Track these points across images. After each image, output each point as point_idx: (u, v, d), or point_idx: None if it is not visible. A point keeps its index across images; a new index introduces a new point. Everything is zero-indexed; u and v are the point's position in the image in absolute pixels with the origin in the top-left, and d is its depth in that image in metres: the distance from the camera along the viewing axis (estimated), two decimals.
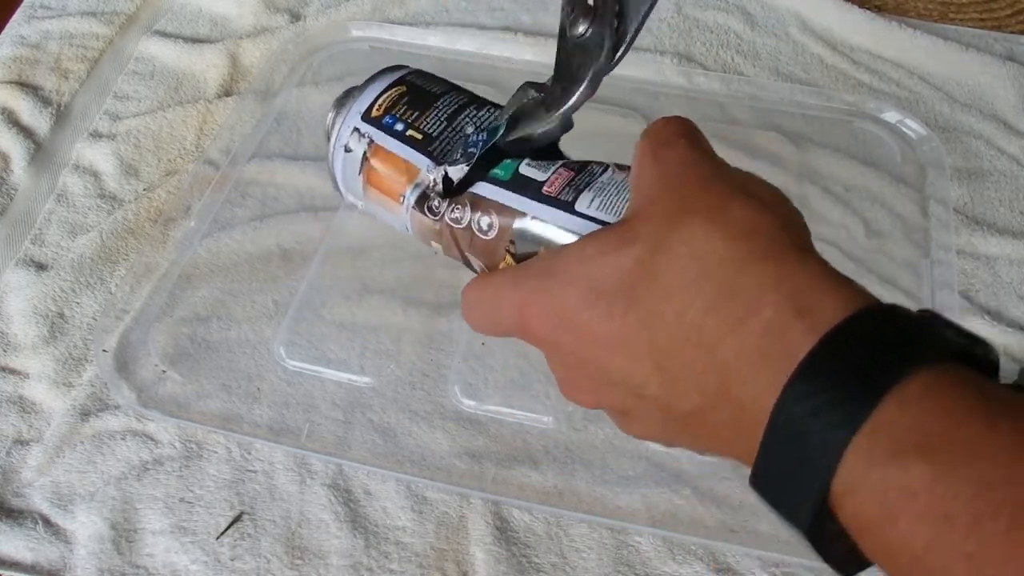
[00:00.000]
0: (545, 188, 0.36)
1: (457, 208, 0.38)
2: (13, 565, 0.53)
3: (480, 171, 0.38)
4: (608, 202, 0.35)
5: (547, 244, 0.35)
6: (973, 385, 0.24)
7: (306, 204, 0.69)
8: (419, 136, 0.40)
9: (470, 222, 0.37)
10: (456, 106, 0.41)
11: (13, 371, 0.61)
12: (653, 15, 0.37)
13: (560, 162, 0.38)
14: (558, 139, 0.39)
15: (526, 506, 0.55)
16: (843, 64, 0.79)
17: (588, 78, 0.36)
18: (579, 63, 0.36)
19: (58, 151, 0.73)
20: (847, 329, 0.25)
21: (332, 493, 0.56)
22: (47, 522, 0.54)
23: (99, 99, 0.77)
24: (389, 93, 0.41)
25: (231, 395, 0.59)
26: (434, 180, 0.38)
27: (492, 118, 0.40)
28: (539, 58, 0.78)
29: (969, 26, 0.83)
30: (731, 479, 0.56)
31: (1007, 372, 0.61)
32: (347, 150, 0.41)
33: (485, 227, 0.37)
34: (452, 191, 0.38)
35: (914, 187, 0.70)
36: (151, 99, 0.77)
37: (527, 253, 0.36)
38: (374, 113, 0.41)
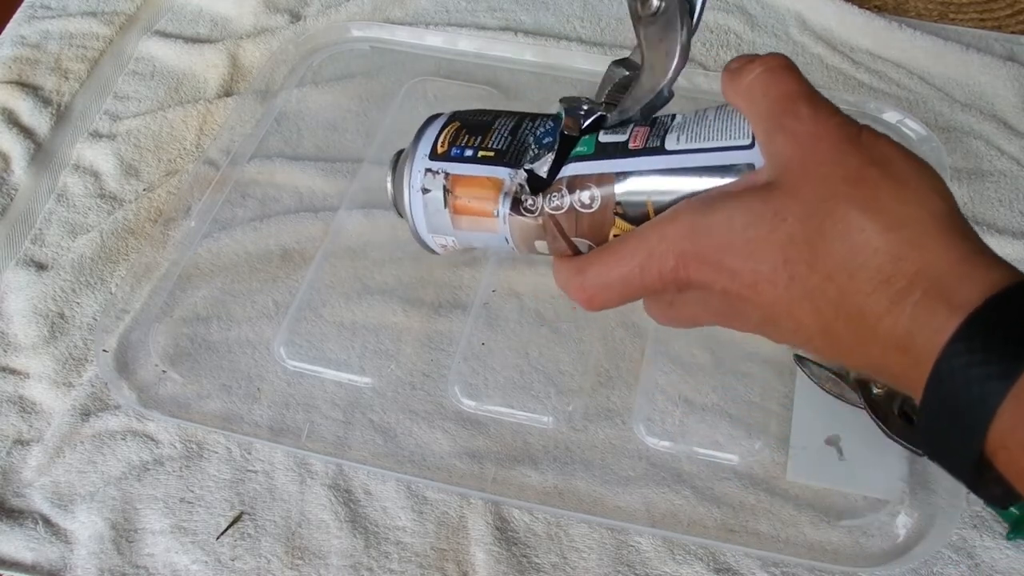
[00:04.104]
0: (631, 144, 0.39)
1: (554, 196, 0.40)
2: (13, 565, 0.53)
3: (560, 159, 0.40)
4: (692, 133, 0.38)
5: (651, 193, 0.37)
6: None
7: (306, 204, 0.69)
8: (491, 153, 0.42)
9: (571, 203, 0.39)
10: (512, 124, 0.43)
11: (13, 371, 0.61)
12: None
13: (631, 123, 0.40)
14: (664, 104, 0.41)
15: (526, 506, 0.55)
16: (843, 64, 0.79)
17: (677, 52, 0.39)
18: (662, 35, 0.39)
19: (58, 151, 0.73)
20: (986, 310, 0.30)
21: (332, 493, 0.56)
22: (47, 522, 0.55)
23: (99, 99, 0.77)
24: (446, 131, 0.43)
25: (231, 395, 0.59)
26: (520, 184, 0.41)
27: (549, 126, 0.42)
28: (539, 58, 0.78)
29: (969, 26, 0.83)
30: (731, 479, 0.56)
31: None
32: (425, 191, 0.43)
33: (587, 201, 0.39)
34: (542, 185, 0.41)
35: None
36: (151, 99, 0.77)
37: (636, 209, 0.38)
38: (439, 151, 0.43)
